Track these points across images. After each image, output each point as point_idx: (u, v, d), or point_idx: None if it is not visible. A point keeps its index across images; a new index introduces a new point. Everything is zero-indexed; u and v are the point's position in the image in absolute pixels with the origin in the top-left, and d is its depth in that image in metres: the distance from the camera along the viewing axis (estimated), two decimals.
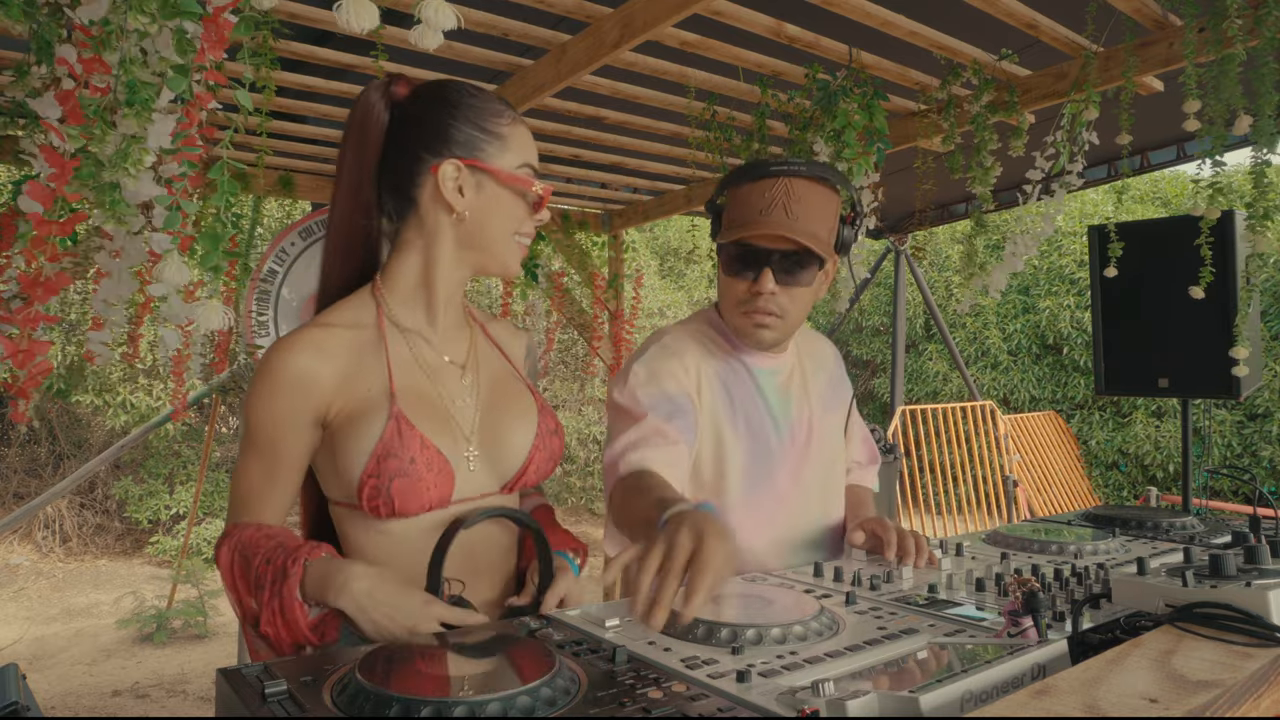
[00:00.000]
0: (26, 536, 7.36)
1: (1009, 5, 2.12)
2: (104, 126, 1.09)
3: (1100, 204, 9.14)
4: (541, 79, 2.39)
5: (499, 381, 1.25)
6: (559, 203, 4.27)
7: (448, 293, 1.19)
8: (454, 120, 1.13)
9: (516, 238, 1.18)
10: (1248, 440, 7.50)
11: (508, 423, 1.20)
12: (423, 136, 1.14)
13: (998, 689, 0.81)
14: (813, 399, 1.55)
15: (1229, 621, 0.90)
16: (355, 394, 1.10)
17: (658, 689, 0.79)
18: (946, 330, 6.62)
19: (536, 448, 1.21)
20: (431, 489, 1.09)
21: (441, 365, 1.19)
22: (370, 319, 1.16)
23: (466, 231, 1.15)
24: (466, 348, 1.23)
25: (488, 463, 1.18)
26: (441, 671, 0.84)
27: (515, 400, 1.24)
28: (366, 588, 1.00)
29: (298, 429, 1.10)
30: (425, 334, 1.19)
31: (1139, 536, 1.60)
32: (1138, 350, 2.83)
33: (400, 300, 1.18)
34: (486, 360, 1.26)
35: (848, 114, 2.28)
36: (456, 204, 1.13)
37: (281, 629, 1.01)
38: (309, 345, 1.10)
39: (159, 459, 7.61)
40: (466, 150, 1.13)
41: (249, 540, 1.07)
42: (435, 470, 1.09)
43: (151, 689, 4.48)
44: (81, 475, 4.77)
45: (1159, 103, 2.54)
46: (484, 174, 1.14)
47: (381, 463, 1.06)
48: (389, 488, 1.06)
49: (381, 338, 1.14)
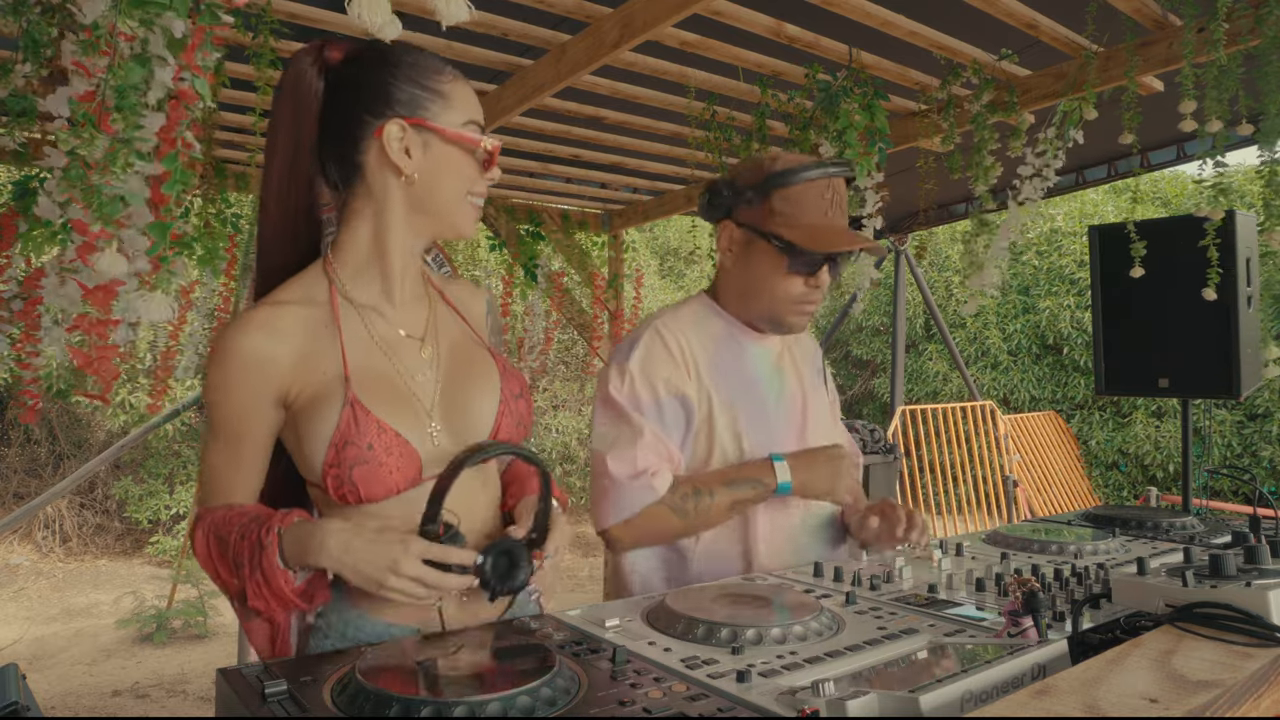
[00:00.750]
0: (26, 536, 7.36)
1: (1009, 5, 2.12)
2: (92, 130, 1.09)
3: (1100, 204, 9.14)
4: (541, 79, 2.39)
5: (459, 349, 1.20)
6: (559, 203, 4.27)
7: (403, 263, 1.15)
8: (394, 79, 1.09)
9: (469, 198, 1.13)
10: (1248, 440, 7.50)
11: (470, 392, 1.16)
12: (363, 98, 1.09)
13: (998, 689, 0.81)
14: (803, 377, 1.60)
15: (1229, 621, 0.90)
16: (312, 377, 1.08)
17: (658, 689, 0.79)
18: (946, 330, 6.62)
19: (501, 414, 1.17)
20: (394, 473, 1.06)
21: (398, 340, 1.15)
22: (323, 295, 1.12)
23: (416, 194, 1.11)
24: (425, 318, 1.19)
25: (452, 435, 1.13)
26: (441, 671, 0.84)
27: (476, 367, 1.19)
28: (342, 541, 0.98)
29: (259, 411, 1.08)
30: (381, 308, 1.15)
31: (1139, 536, 1.60)
32: (1138, 350, 2.82)
33: (353, 274, 1.14)
34: (446, 328, 1.21)
35: (849, 114, 2.28)
36: (404, 165, 1.09)
37: (270, 599, 1.00)
38: (261, 325, 1.07)
39: (159, 459, 7.61)
40: (410, 109, 1.09)
41: (220, 520, 1.05)
42: (395, 454, 1.06)
43: (151, 689, 4.48)
44: (81, 475, 4.77)
45: (1159, 103, 2.54)
46: (430, 133, 1.10)
47: (340, 452, 1.04)
48: (350, 476, 1.04)
49: (334, 315, 1.11)
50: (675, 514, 1.38)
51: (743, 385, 1.50)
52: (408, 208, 1.12)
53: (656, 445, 1.39)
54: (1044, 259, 8.96)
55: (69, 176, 1.09)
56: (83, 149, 1.09)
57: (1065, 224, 8.96)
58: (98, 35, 1.08)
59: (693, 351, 1.47)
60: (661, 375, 1.42)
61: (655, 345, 1.45)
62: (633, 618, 1.04)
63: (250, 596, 1.01)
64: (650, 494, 1.37)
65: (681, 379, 1.44)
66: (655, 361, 1.43)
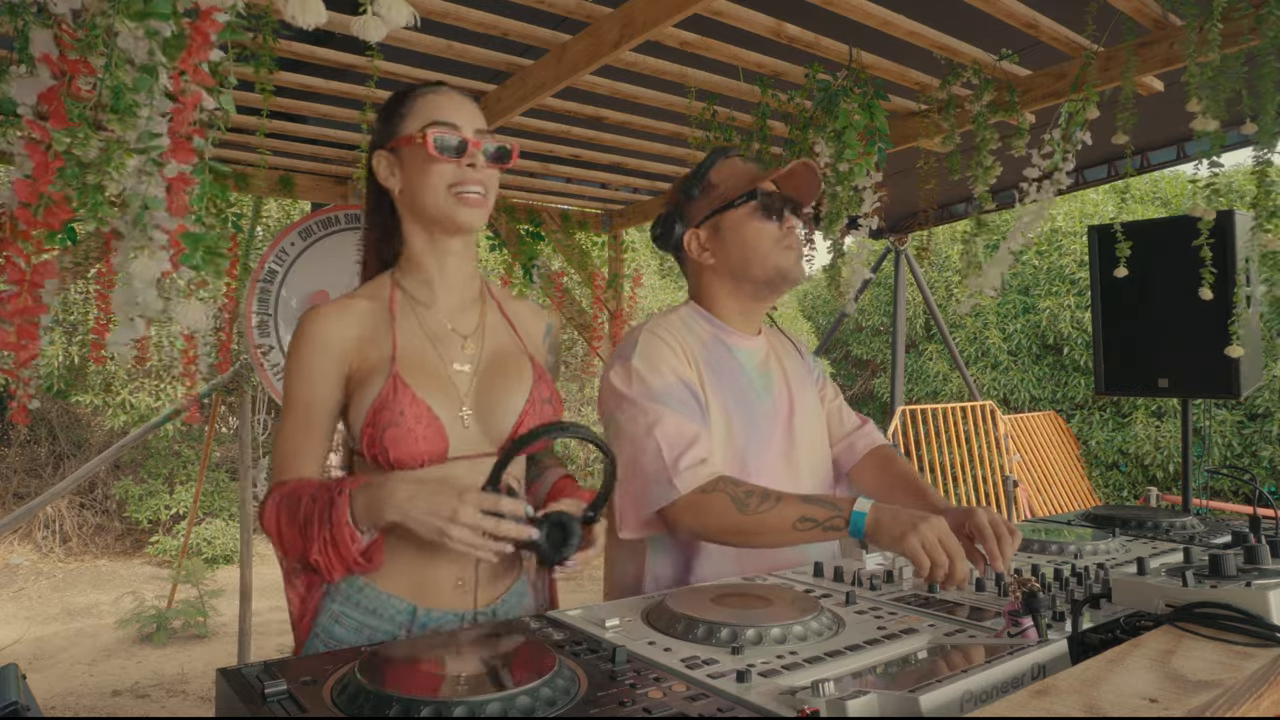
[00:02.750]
0: (26, 536, 7.37)
1: (1009, 5, 2.12)
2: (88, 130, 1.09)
3: (1100, 204, 9.13)
4: (541, 79, 2.39)
5: (502, 353, 1.34)
6: (559, 203, 4.27)
7: (438, 264, 1.31)
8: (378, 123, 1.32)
9: (454, 190, 1.25)
10: (1248, 440, 7.50)
11: (501, 387, 1.29)
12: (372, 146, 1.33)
13: (998, 689, 0.81)
14: (789, 377, 1.63)
15: (1229, 621, 0.90)
16: (368, 357, 1.24)
17: (658, 689, 0.79)
18: (946, 330, 6.61)
19: (527, 412, 1.28)
20: (421, 441, 1.19)
21: (445, 332, 1.30)
22: (385, 293, 1.31)
23: (410, 204, 1.29)
24: (475, 320, 1.34)
25: (481, 423, 1.26)
26: (441, 671, 0.84)
27: (513, 369, 1.32)
28: (408, 491, 1.09)
29: (326, 381, 1.24)
30: (433, 305, 1.31)
31: (1139, 536, 1.60)
32: (1138, 350, 2.82)
33: (408, 277, 1.32)
34: (494, 333, 1.35)
35: (848, 114, 2.28)
36: (390, 185, 1.29)
37: (332, 556, 1.11)
38: (332, 311, 1.27)
39: (159, 459, 7.61)
40: (382, 139, 1.31)
41: (291, 490, 1.18)
42: (424, 424, 1.20)
43: (151, 689, 4.48)
44: (81, 475, 4.77)
45: (1159, 103, 2.54)
46: (396, 151, 1.28)
47: (377, 414, 1.19)
48: (382, 437, 1.18)
49: (391, 308, 1.29)
50: (736, 507, 1.31)
51: (733, 385, 1.52)
52: (410, 216, 1.31)
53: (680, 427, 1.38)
54: (1044, 259, 8.96)
55: (64, 176, 1.09)
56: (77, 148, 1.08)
57: (1065, 224, 8.95)
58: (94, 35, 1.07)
59: (689, 348, 1.51)
60: (667, 363, 1.45)
61: (654, 341, 1.48)
62: (633, 618, 1.04)
63: (314, 552, 1.12)
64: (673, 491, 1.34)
65: (684, 369, 1.47)
66: (658, 354, 1.46)
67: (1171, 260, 2.61)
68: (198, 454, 7.42)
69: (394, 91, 1.34)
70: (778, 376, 1.60)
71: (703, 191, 1.58)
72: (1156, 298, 2.73)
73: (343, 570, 1.13)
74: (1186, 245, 2.30)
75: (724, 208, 1.54)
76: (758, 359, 1.59)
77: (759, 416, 1.53)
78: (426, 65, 2.46)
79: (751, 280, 1.55)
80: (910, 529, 1.18)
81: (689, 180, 1.60)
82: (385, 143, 1.29)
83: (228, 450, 7.87)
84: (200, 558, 6.73)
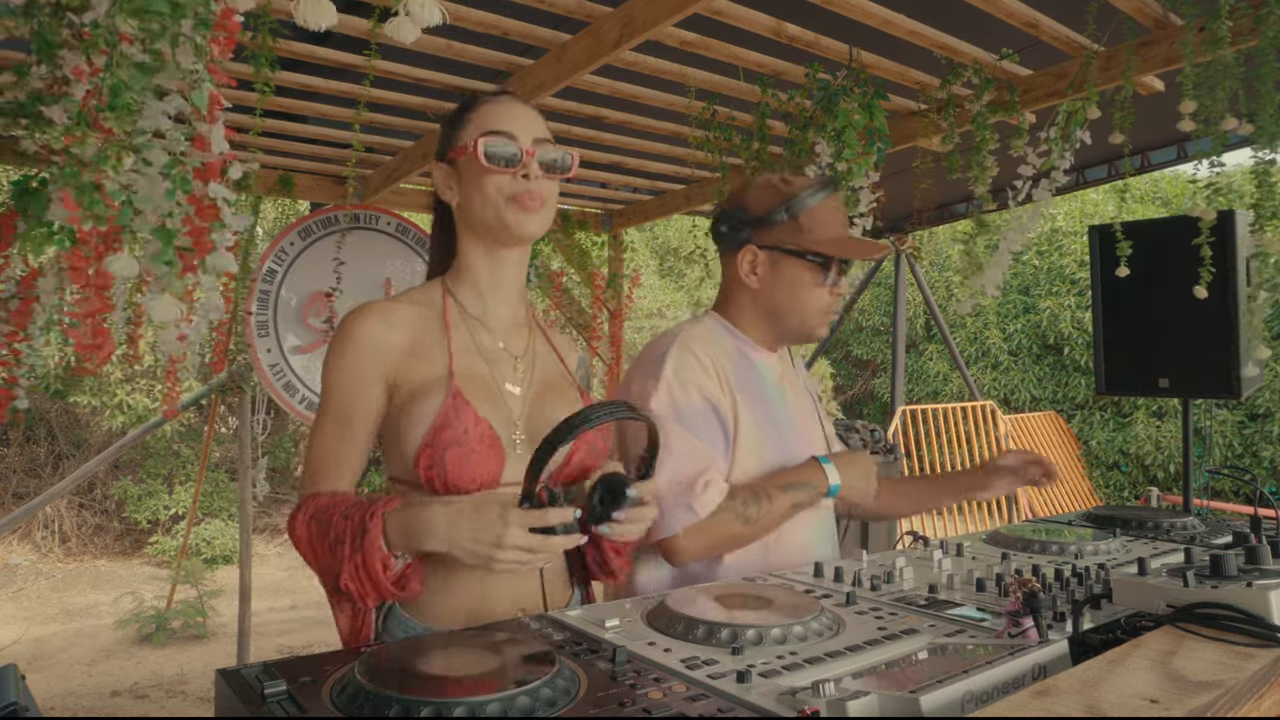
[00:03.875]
0: (26, 536, 7.36)
1: (1009, 5, 2.12)
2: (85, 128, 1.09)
3: (1100, 204, 9.14)
4: (541, 79, 2.39)
5: (550, 378, 1.30)
6: (559, 202, 4.26)
7: (491, 279, 1.26)
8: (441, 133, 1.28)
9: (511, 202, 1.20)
10: (1248, 440, 7.50)
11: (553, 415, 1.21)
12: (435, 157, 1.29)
13: (998, 689, 0.81)
14: (800, 394, 1.65)
15: (1230, 622, 0.90)
16: (419, 369, 1.18)
17: (658, 689, 0.79)
18: (947, 330, 6.62)
19: (578, 443, 1.22)
20: (483, 463, 1.13)
21: (497, 351, 1.25)
22: (438, 301, 1.25)
23: (464, 216, 1.25)
24: (525, 342, 1.30)
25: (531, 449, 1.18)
26: (441, 671, 0.84)
27: (563, 396, 1.28)
28: (448, 518, 1.03)
29: (368, 388, 1.18)
30: (485, 320, 1.26)
31: (1140, 537, 1.60)
32: (1138, 350, 2.82)
33: (461, 288, 1.27)
34: (542, 358, 1.31)
35: (848, 114, 2.28)
36: (448, 198, 1.26)
37: (365, 582, 1.05)
38: (378, 313, 1.20)
39: (158, 459, 7.61)
40: (440, 152, 1.27)
41: (323, 505, 1.11)
42: (487, 444, 1.14)
43: (151, 689, 4.48)
44: (81, 475, 4.77)
45: (1159, 103, 2.54)
46: (453, 163, 1.24)
47: (438, 434, 1.12)
48: (444, 457, 1.11)
49: (445, 321, 1.23)
50: (739, 520, 1.40)
51: (761, 400, 1.53)
52: (467, 229, 1.26)
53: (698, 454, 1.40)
54: (1044, 259, 8.97)
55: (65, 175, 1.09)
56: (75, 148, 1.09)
57: (1065, 224, 8.96)
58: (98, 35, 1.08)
59: (719, 364, 1.50)
60: (695, 383, 1.44)
61: (686, 356, 1.47)
62: (633, 618, 1.04)
63: (345, 577, 1.05)
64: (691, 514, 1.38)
65: (715, 390, 1.46)
66: (689, 370, 1.45)
67: (1172, 260, 2.61)
68: (197, 454, 7.42)
69: (482, 95, 1.29)
70: (791, 393, 1.62)
71: (788, 224, 1.51)
72: (1157, 297, 2.73)
73: (376, 598, 1.07)
74: (1187, 245, 2.29)
75: (798, 254, 1.50)
76: (775, 375, 1.60)
77: (785, 431, 1.54)
78: (427, 65, 2.46)
79: (781, 326, 1.56)
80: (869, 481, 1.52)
81: (784, 202, 1.50)
82: (443, 155, 1.26)
83: (227, 450, 7.87)
84: (199, 558, 6.72)
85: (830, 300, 1.54)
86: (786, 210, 1.50)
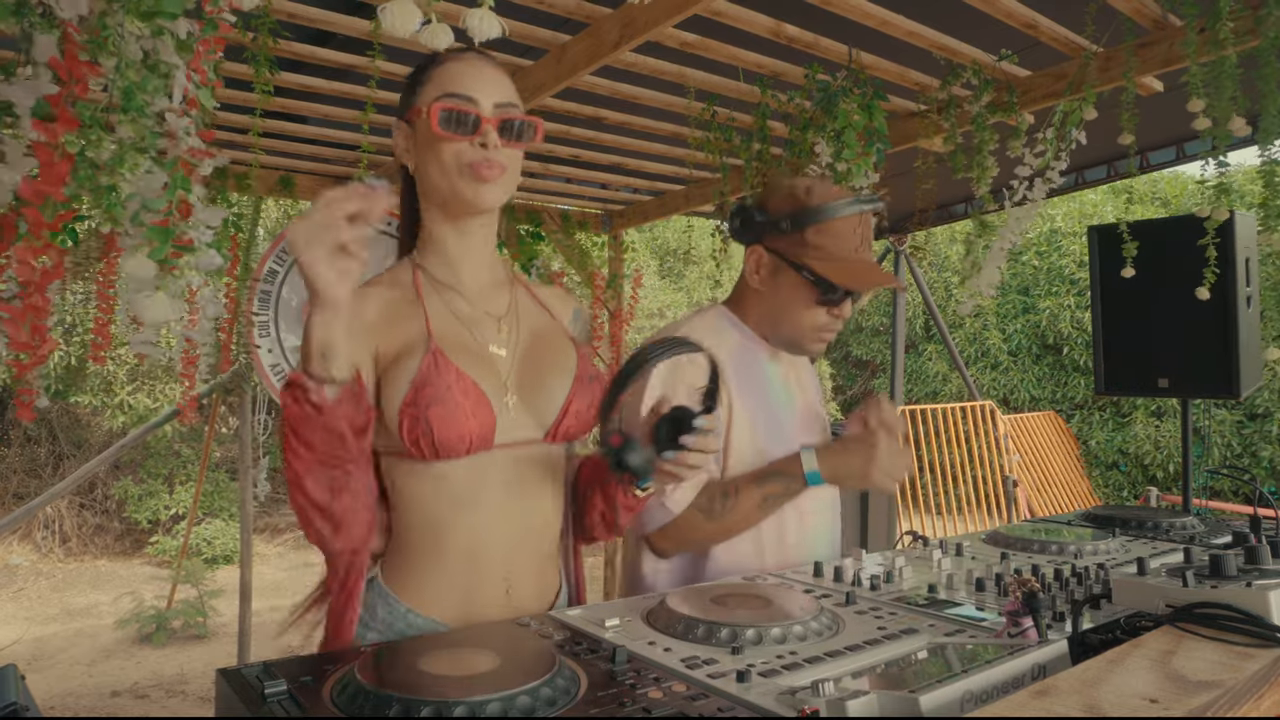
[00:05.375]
0: (26, 536, 7.36)
1: (1009, 5, 2.12)
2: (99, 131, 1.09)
3: (1099, 204, 9.14)
4: (541, 79, 2.39)
5: (540, 334, 1.25)
6: (559, 203, 4.27)
7: (458, 246, 1.20)
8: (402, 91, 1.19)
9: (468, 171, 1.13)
10: (1248, 440, 7.50)
11: (544, 368, 1.21)
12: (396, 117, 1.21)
13: (998, 689, 0.81)
14: (806, 392, 1.65)
15: (1229, 622, 0.90)
16: (398, 338, 1.13)
17: (658, 689, 0.79)
18: (946, 330, 6.62)
19: (574, 392, 1.20)
20: (470, 418, 1.08)
21: (479, 316, 1.20)
22: (407, 278, 1.20)
23: (421, 180, 1.18)
24: (506, 303, 1.25)
25: (526, 407, 1.17)
26: (441, 671, 0.84)
27: (554, 349, 1.24)
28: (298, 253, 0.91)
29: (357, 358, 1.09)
30: (459, 288, 1.21)
31: (1139, 537, 1.60)
32: (1138, 350, 2.82)
33: (429, 258, 1.22)
34: (527, 315, 1.26)
35: (847, 114, 2.28)
36: (404, 159, 1.19)
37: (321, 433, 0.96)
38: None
39: (158, 459, 7.60)
40: (400, 109, 1.19)
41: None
42: (472, 399, 1.09)
43: (151, 689, 4.48)
44: (81, 475, 4.77)
45: (1159, 103, 2.54)
46: (411, 123, 1.17)
47: (419, 391, 1.07)
48: (426, 415, 1.06)
49: (418, 292, 1.18)
50: (704, 516, 1.39)
51: (759, 391, 1.52)
52: (425, 196, 1.20)
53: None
54: (1044, 259, 8.97)
55: (77, 178, 1.09)
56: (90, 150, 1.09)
57: (1065, 224, 8.96)
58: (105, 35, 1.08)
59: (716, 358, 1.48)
60: (686, 380, 1.42)
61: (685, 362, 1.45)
62: (633, 618, 1.04)
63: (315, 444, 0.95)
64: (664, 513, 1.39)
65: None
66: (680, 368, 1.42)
67: (1172, 260, 2.61)
68: (197, 454, 7.42)
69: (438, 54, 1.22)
70: (797, 392, 1.61)
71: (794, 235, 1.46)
72: (1156, 298, 2.73)
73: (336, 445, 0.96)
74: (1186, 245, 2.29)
75: (797, 266, 1.46)
76: (781, 372, 1.59)
77: (786, 430, 1.52)
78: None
79: (775, 333, 1.54)
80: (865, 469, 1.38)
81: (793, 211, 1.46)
82: (402, 113, 1.18)
83: (227, 450, 7.87)
84: (200, 558, 6.72)
85: (828, 320, 1.49)
86: (792, 221, 1.46)
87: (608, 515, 1.24)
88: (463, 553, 1.13)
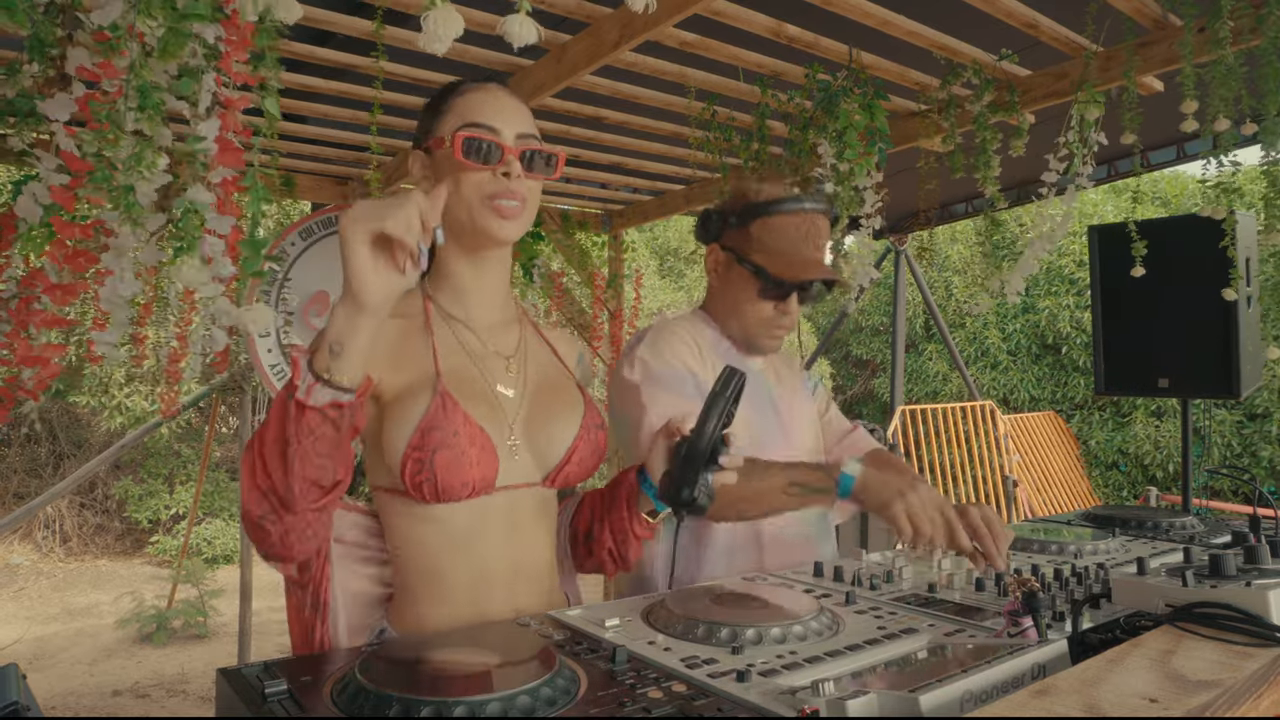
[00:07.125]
0: (26, 536, 7.37)
1: (1009, 5, 2.12)
2: (116, 131, 1.09)
3: (1100, 204, 9.13)
4: (541, 79, 2.39)
5: (547, 376, 1.24)
6: (559, 203, 4.27)
7: (475, 280, 1.19)
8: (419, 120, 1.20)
9: (488, 204, 1.12)
10: (1247, 440, 7.50)
11: (552, 413, 1.19)
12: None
13: (998, 689, 0.81)
14: (785, 385, 1.66)
15: (1229, 621, 0.90)
16: (404, 373, 1.11)
17: (658, 689, 0.79)
18: (946, 330, 6.61)
19: (580, 439, 1.19)
20: (475, 465, 1.07)
21: (487, 354, 1.19)
22: (417, 309, 1.18)
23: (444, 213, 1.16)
24: (515, 342, 1.23)
25: (530, 450, 1.17)
26: (441, 671, 0.84)
27: (561, 393, 1.23)
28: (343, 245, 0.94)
29: None
30: (470, 323, 1.19)
31: (1139, 536, 1.60)
32: (1138, 350, 2.82)
33: (441, 290, 1.20)
34: (535, 355, 1.25)
35: (848, 114, 2.28)
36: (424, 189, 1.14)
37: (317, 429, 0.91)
38: None
39: (159, 459, 7.61)
40: (418, 138, 1.20)
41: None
42: (478, 446, 1.08)
43: (151, 689, 4.48)
44: (81, 475, 4.78)
45: (1159, 103, 2.54)
46: (430, 152, 1.17)
47: (425, 436, 1.05)
48: (432, 460, 1.05)
49: (427, 324, 1.16)
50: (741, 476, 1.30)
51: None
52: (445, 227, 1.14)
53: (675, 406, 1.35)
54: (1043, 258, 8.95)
55: (95, 179, 1.09)
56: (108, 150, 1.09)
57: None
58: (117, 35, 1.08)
59: (700, 343, 1.53)
60: (675, 353, 1.47)
61: (663, 331, 1.51)
62: (633, 618, 1.04)
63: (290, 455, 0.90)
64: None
65: (694, 362, 1.48)
66: (665, 342, 1.48)
67: (1172, 260, 2.61)
68: (197, 454, 7.42)
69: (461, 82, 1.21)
70: (775, 385, 1.63)
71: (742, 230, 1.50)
72: (1156, 298, 2.73)
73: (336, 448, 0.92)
74: (1187, 245, 2.29)
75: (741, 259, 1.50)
76: (757, 366, 1.61)
77: (765, 421, 1.55)
78: (427, 65, 2.46)
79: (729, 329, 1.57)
80: (898, 495, 1.25)
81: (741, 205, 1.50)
82: (421, 142, 1.19)
83: (228, 450, 7.87)
84: (200, 558, 6.73)
85: (774, 315, 1.51)
86: (739, 216, 1.50)
87: (615, 551, 1.25)
88: (465, 593, 1.12)
